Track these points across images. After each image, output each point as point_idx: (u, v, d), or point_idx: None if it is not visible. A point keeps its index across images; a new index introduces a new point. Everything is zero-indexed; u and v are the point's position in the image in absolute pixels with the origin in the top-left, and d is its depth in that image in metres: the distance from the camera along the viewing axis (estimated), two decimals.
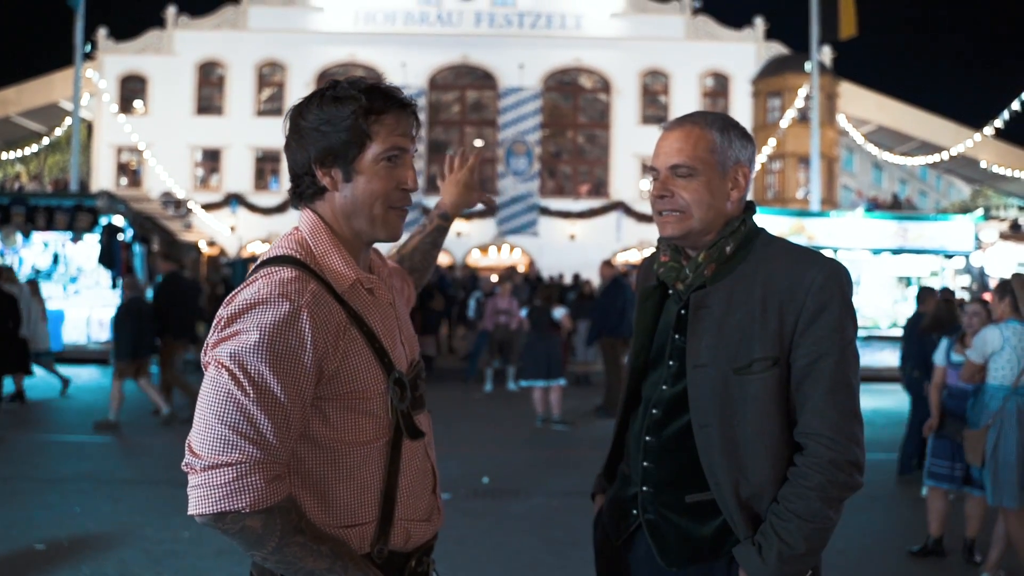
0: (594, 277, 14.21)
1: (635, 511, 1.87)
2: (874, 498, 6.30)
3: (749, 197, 1.90)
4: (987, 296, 8.30)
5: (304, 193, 1.59)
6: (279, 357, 1.40)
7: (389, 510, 1.56)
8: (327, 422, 1.51)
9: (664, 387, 1.84)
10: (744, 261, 1.80)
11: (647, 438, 1.85)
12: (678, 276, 1.85)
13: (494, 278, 16.79)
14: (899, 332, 13.66)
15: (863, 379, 10.94)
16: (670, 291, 1.88)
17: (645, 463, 1.85)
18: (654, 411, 1.85)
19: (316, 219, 1.58)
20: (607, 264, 11.38)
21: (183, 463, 1.42)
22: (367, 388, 1.52)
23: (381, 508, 1.55)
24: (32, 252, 14.74)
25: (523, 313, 10.13)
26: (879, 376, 13.09)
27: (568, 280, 19.79)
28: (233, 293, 1.47)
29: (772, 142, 25.87)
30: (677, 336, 1.83)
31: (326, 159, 1.54)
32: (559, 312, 9.69)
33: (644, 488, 1.85)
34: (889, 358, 13.30)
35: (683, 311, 1.83)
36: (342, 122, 1.52)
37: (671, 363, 1.84)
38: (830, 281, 1.72)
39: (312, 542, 1.44)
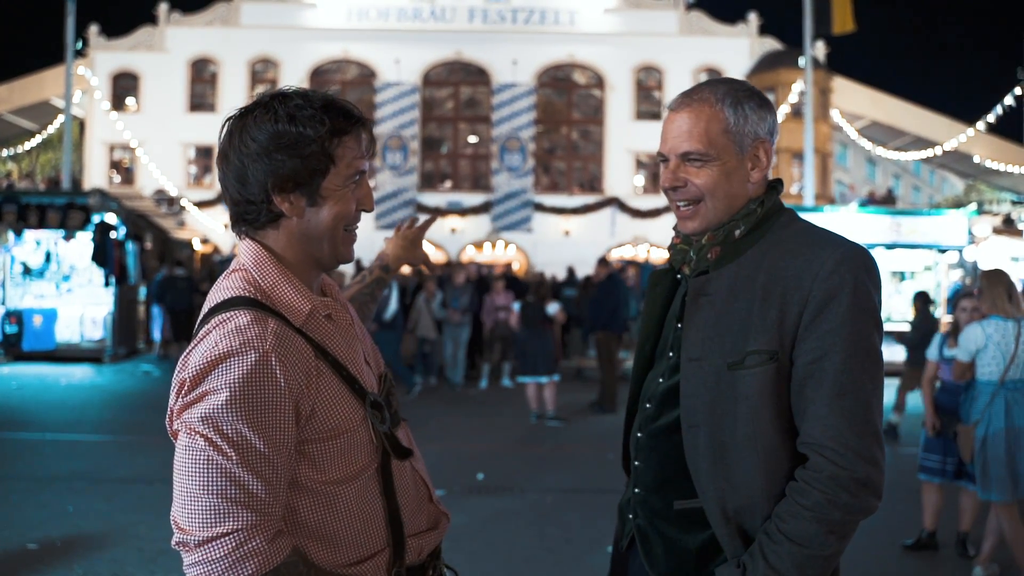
0: (589, 272, 14.18)
1: (631, 515, 1.72)
2: None
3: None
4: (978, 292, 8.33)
5: (254, 220, 1.46)
6: (255, 411, 1.32)
7: (399, 533, 1.51)
8: (315, 465, 1.43)
9: (661, 380, 1.67)
10: (755, 245, 1.59)
11: (639, 435, 1.70)
12: (684, 259, 1.67)
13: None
14: (892, 327, 13.69)
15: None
16: (679, 276, 1.71)
17: (636, 462, 1.70)
18: (647, 406, 1.69)
19: (258, 249, 1.46)
20: (602, 262, 11.45)
21: (173, 542, 1.35)
22: (346, 419, 1.44)
23: (391, 534, 1.50)
24: (24, 250, 14.68)
25: (515, 308, 10.15)
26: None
27: (562, 275, 19.77)
28: (187, 351, 1.37)
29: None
30: (679, 325, 1.65)
31: (286, 184, 1.41)
32: (553, 308, 9.71)
33: (636, 491, 1.70)
34: (884, 352, 13.29)
35: (685, 298, 1.66)
36: (306, 147, 1.40)
37: (671, 354, 1.66)
38: (842, 266, 1.49)
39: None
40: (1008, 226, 19.02)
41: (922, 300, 9.25)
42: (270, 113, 1.41)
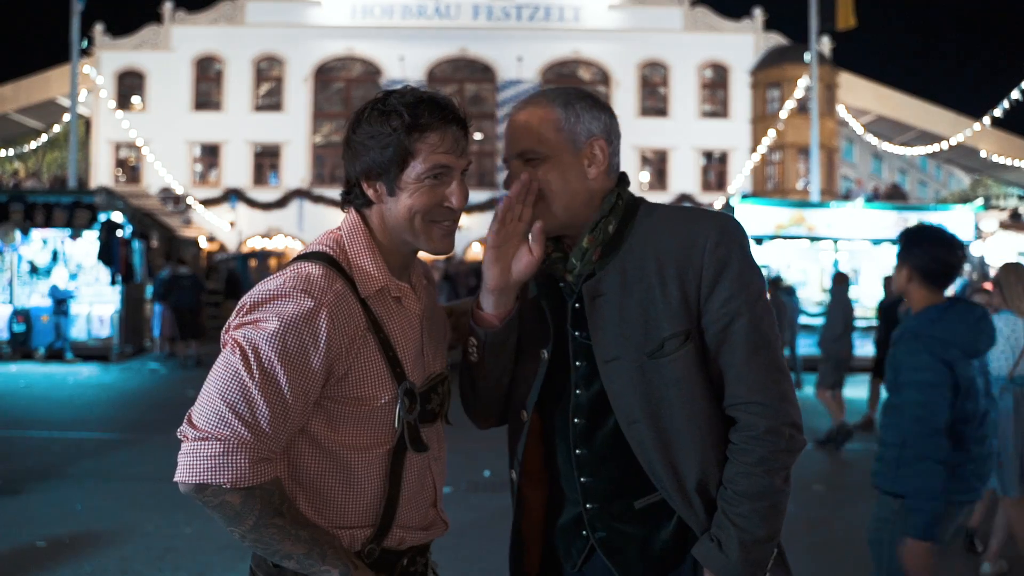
0: None
1: (584, 531, 1.68)
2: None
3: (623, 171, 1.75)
4: (987, 286, 8.29)
5: (356, 200, 1.61)
6: (291, 351, 1.43)
7: (388, 518, 1.56)
8: (331, 423, 1.52)
9: (578, 391, 1.66)
10: (630, 236, 1.64)
11: (577, 451, 1.67)
12: (565, 267, 1.67)
13: None
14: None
15: (864, 369, 10.84)
16: (561, 284, 1.70)
17: (583, 479, 1.67)
18: (576, 420, 1.67)
19: (358, 220, 1.60)
20: None
21: (178, 430, 1.44)
22: (374, 395, 1.52)
23: (380, 515, 1.56)
24: (31, 249, 14.73)
25: None
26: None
27: None
28: (263, 281, 1.51)
29: (772, 133, 25.82)
30: (577, 333, 1.66)
31: (371, 173, 1.55)
32: None
33: (588, 505, 1.66)
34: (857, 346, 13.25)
35: (576, 305, 1.66)
36: (386, 138, 1.52)
37: (578, 364, 1.66)
38: (725, 237, 1.58)
39: (291, 526, 1.44)
40: (1015, 221, 18.95)
41: (840, 281, 9.20)
42: (368, 109, 1.57)
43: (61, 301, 13.88)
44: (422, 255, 1.69)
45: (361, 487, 1.54)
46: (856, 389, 10.48)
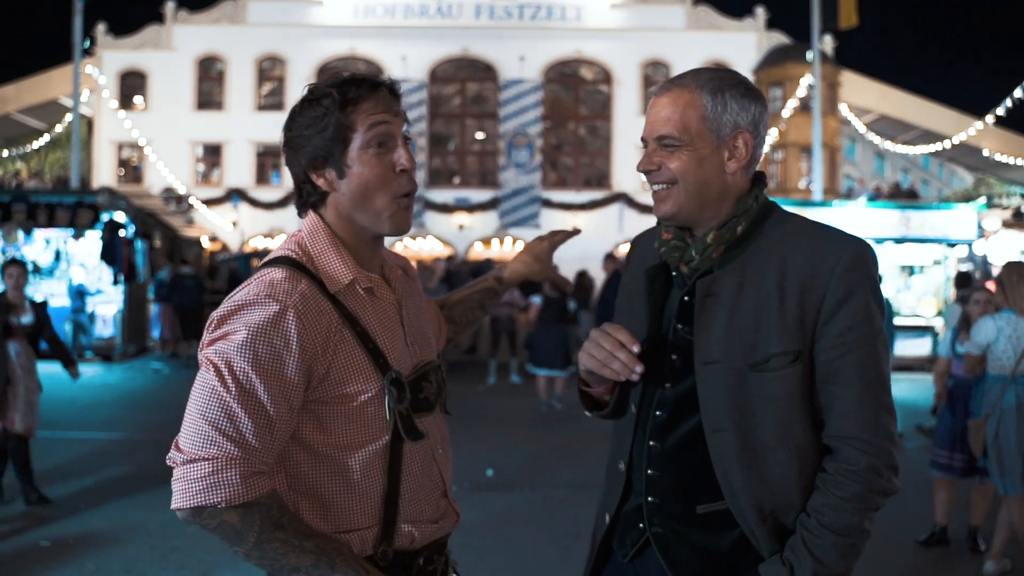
0: (595, 269, 14.20)
1: (641, 524, 1.65)
2: None
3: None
4: (990, 284, 8.28)
5: (308, 201, 1.58)
6: (263, 358, 1.41)
7: (392, 514, 1.54)
8: (322, 427, 1.50)
9: (667, 385, 1.63)
10: (755, 242, 1.58)
11: (651, 443, 1.64)
12: (682, 257, 1.62)
13: None
14: (902, 321, 13.63)
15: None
16: (674, 273, 1.66)
17: (650, 471, 1.64)
18: (658, 413, 1.64)
19: (316, 219, 1.57)
20: (610, 258, 11.61)
21: (167, 457, 1.43)
22: (360, 389, 1.50)
23: (383, 512, 1.53)
24: (34, 249, 14.74)
25: (536, 300, 10.21)
26: None
27: (569, 272, 19.74)
28: (230, 295, 1.49)
29: (774, 132, 25.80)
30: (680, 326, 1.61)
31: (317, 162, 1.53)
32: (572, 304, 10.10)
33: (650, 499, 1.64)
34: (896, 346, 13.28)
35: (686, 298, 1.61)
36: (321, 121, 1.50)
37: (674, 357, 1.62)
38: (858, 263, 1.52)
39: (295, 538, 1.42)
40: (1018, 219, 18.89)
41: None
42: (298, 104, 1.55)
43: (81, 296, 13.90)
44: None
45: (362, 486, 1.51)
46: None
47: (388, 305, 1.60)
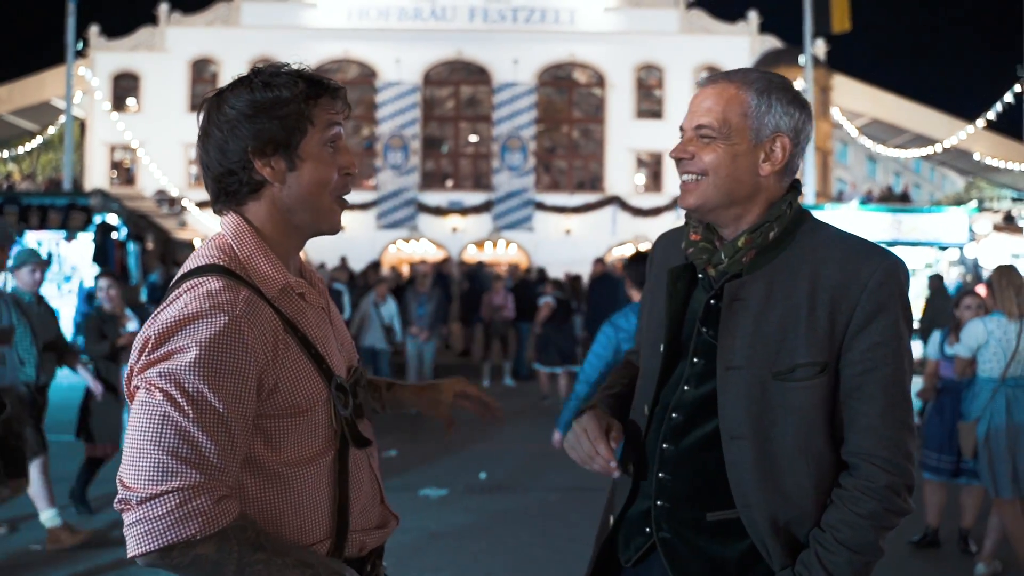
0: (589, 272, 14.24)
1: (648, 528, 1.63)
2: None
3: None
4: (980, 288, 8.33)
5: (235, 192, 1.46)
6: (220, 374, 1.30)
7: (343, 525, 1.48)
8: (270, 443, 1.40)
9: (687, 388, 1.60)
10: (787, 249, 1.56)
11: (664, 446, 1.62)
12: (710, 259, 1.59)
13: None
14: None
15: None
16: (699, 275, 1.63)
17: (661, 474, 1.61)
18: (674, 415, 1.61)
19: (240, 221, 1.47)
20: (598, 261, 11.89)
21: (115, 501, 1.31)
22: (309, 397, 1.43)
23: (335, 524, 1.47)
24: None
25: (548, 300, 10.43)
26: None
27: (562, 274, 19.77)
28: (156, 312, 1.37)
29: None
30: (705, 329, 1.59)
31: (266, 148, 1.42)
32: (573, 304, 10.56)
33: (659, 502, 1.61)
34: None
35: (712, 301, 1.58)
36: (283, 107, 1.41)
37: (695, 360, 1.59)
38: (890, 278, 1.50)
39: (275, 556, 1.33)
40: (1008, 223, 19.00)
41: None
42: (246, 84, 1.44)
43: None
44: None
45: (313, 500, 1.44)
46: None
47: (318, 309, 1.54)
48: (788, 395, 1.50)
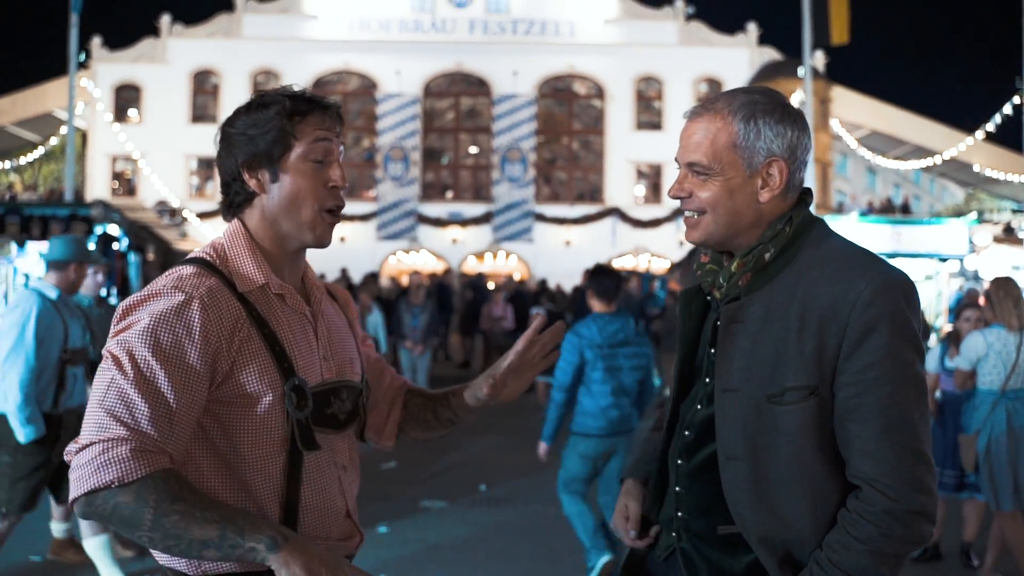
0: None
1: (674, 534, 1.68)
2: None
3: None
4: (981, 300, 8.33)
5: (234, 201, 1.60)
6: (164, 344, 1.41)
7: (292, 525, 1.51)
8: (224, 430, 1.49)
9: (699, 407, 1.63)
10: (787, 268, 1.52)
11: (679, 461, 1.66)
12: (714, 282, 1.60)
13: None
14: None
15: None
16: (708, 297, 1.64)
17: (677, 488, 1.66)
18: (687, 433, 1.65)
19: (238, 225, 1.60)
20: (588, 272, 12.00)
21: (63, 451, 1.42)
22: (261, 391, 1.48)
23: (282, 523, 1.50)
24: (27, 262, 14.71)
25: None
26: None
27: (567, 285, 19.79)
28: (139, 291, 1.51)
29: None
30: (712, 351, 1.60)
31: (253, 162, 1.56)
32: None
33: (679, 513, 1.66)
34: None
35: (718, 323, 1.59)
36: (267, 123, 1.55)
37: (708, 380, 1.61)
38: (880, 296, 1.44)
39: (196, 509, 1.35)
40: (1008, 235, 19.00)
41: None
42: (244, 106, 1.61)
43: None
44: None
45: (262, 494, 1.49)
46: None
47: (299, 315, 1.59)
48: (779, 418, 1.49)
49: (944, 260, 15.15)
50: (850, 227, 15.36)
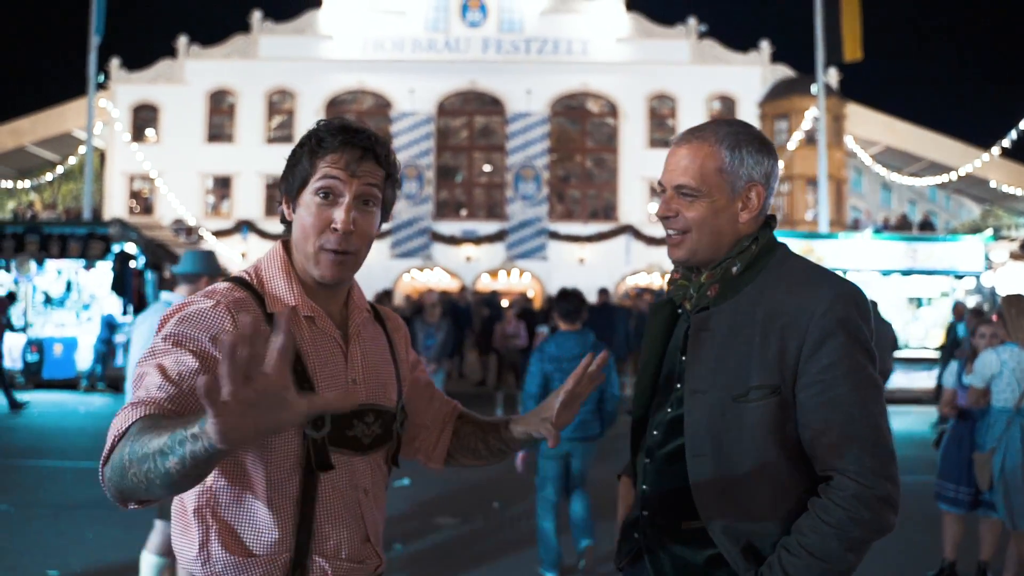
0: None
1: (636, 535, 1.78)
2: None
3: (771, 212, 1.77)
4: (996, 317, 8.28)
5: (283, 224, 1.70)
6: (185, 335, 1.47)
7: (304, 543, 1.52)
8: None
9: (669, 409, 1.74)
10: (752, 282, 1.67)
11: (646, 460, 1.77)
12: (685, 295, 1.75)
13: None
14: (910, 353, 13.57)
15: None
16: (679, 310, 1.78)
17: (644, 486, 1.76)
18: (654, 433, 1.76)
19: (279, 248, 1.67)
20: (602, 291, 12.24)
21: None
22: None
23: (295, 540, 1.52)
24: (46, 279, 14.87)
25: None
26: (891, 398, 13.02)
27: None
28: None
29: (780, 164, 25.88)
30: (684, 358, 1.72)
31: (285, 192, 1.65)
32: None
33: (644, 512, 1.76)
34: (900, 379, 13.24)
35: (688, 331, 1.73)
36: (295, 158, 1.62)
37: (679, 386, 1.73)
38: (836, 306, 1.57)
39: (156, 428, 1.30)
40: None
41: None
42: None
43: (112, 328, 13.98)
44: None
45: (276, 509, 1.51)
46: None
47: (329, 338, 1.61)
48: (744, 416, 1.60)
49: (960, 277, 15.06)
50: (865, 244, 15.30)
